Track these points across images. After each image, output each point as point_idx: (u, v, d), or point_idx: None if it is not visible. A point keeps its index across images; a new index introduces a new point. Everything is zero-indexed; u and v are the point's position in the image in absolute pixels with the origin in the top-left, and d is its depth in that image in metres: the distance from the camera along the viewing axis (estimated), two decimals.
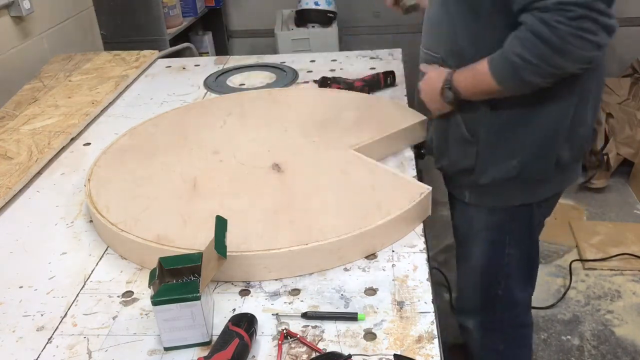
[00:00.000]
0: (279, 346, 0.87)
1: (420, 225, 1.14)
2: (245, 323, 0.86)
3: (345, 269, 1.03)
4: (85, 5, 2.57)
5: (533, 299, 1.57)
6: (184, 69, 2.07)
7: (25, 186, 1.37)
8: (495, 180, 1.28)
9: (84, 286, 1.03)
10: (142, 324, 0.94)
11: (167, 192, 1.21)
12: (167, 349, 0.88)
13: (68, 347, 0.90)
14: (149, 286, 0.87)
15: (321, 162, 1.28)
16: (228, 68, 2.01)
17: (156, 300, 0.85)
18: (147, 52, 2.17)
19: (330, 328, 0.90)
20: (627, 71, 3.15)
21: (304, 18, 3.08)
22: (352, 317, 0.91)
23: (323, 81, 1.76)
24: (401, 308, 0.93)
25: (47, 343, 0.91)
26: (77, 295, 1.01)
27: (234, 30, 3.56)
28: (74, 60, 2.12)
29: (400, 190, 1.16)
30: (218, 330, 0.88)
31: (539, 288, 1.87)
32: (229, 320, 0.87)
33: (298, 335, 0.88)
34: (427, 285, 0.98)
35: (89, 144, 1.57)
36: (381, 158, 1.35)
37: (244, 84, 1.89)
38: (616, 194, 2.89)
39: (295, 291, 0.99)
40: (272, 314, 0.93)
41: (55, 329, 0.94)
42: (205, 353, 0.85)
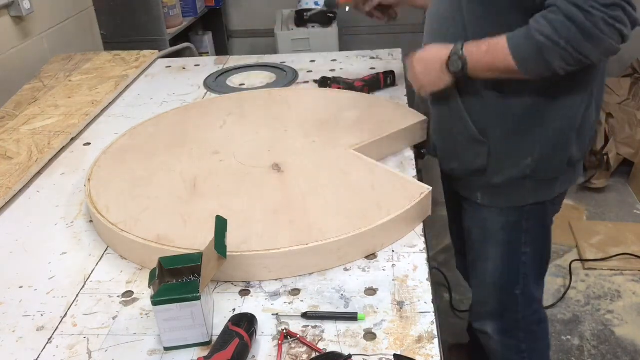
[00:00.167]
0: (279, 346, 0.87)
1: (420, 225, 1.14)
2: (245, 323, 0.86)
3: (345, 269, 1.03)
4: (85, 5, 2.57)
5: None
6: (184, 69, 2.07)
7: (25, 186, 1.37)
8: (509, 179, 1.26)
9: (84, 286, 1.03)
10: (142, 324, 0.94)
11: (167, 192, 1.20)
12: (167, 349, 0.88)
13: (68, 347, 0.90)
14: (149, 286, 0.87)
15: (321, 162, 1.28)
16: (228, 68, 2.01)
17: (156, 300, 0.85)
18: (147, 52, 2.17)
19: (330, 328, 0.90)
20: (627, 71, 3.16)
21: (304, 18, 3.08)
22: (352, 317, 0.91)
23: (323, 81, 1.76)
24: (401, 308, 0.93)
25: (47, 343, 0.91)
26: (77, 295, 1.01)
27: (234, 30, 3.56)
28: (74, 60, 2.12)
29: (400, 190, 1.16)
30: (218, 330, 0.88)
31: None
32: (229, 320, 0.87)
33: (298, 335, 0.88)
34: (427, 285, 0.98)
35: (89, 144, 1.56)
36: (381, 158, 1.35)
37: (244, 84, 1.89)
38: (616, 194, 2.89)
39: (295, 291, 0.99)
40: (272, 314, 0.93)
41: (55, 329, 0.94)
42: (205, 353, 0.85)
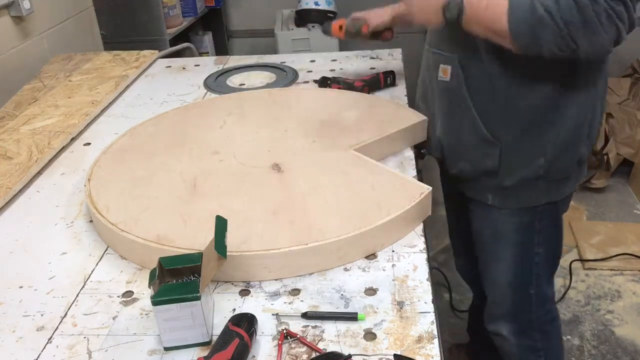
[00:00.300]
0: (279, 346, 0.87)
1: (420, 225, 1.13)
2: (245, 323, 0.86)
3: (345, 269, 1.03)
4: (85, 5, 2.57)
5: None
6: (184, 69, 2.07)
7: (25, 186, 1.37)
8: (521, 180, 1.25)
9: (84, 286, 1.03)
10: (142, 324, 0.94)
11: (167, 192, 1.20)
12: (167, 349, 0.88)
13: (68, 347, 0.90)
14: (149, 286, 0.87)
15: (321, 162, 1.28)
16: (228, 68, 2.01)
17: (156, 300, 0.85)
18: (147, 52, 2.16)
19: (330, 328, 0.90)
20: (627, 71, 3.16)
21: (304, 18, 3.08)
22: (352, 317, 0.91)
23: (323, 81, 1.76)
24: (401, 308, 0.93)
25: (47, 343, 0.91)
26: (77, 295, 1.01)
27: (234, 30, 3.56)
28: (74, 60, 2.12)
29: (400, 190, 1.16)
30: (218, 330, 0.88)
31: None
32: (229, 320, 0.87)
33: (298, 335, 0.88)
34: (427, 285, 0.98)
35: (89, 144, 1.56)
36: (381, 158, 1.35)
37: (244, 84, 1.89)
38: (616, 194, 2.89)
39: (295, 291, 0.99)
40: (272, 314, 0.93)
41: (55, 329, 0.94)
42: (205, 353, 0.85)
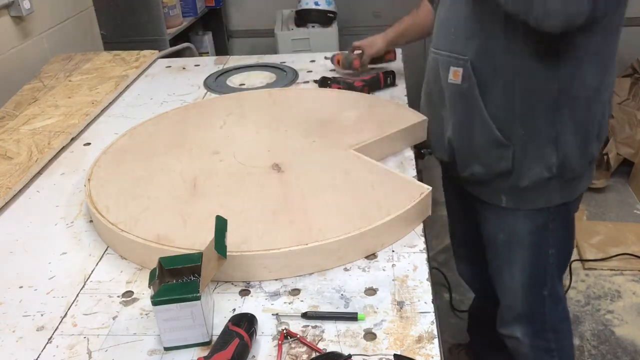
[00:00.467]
0: (279, 346, 0.87)
1: (420, 225, 1.13)
2: (245, 323, 0.86)
3: (345, 269, 1.03)
4: (85, 5, 2.57)
5: None
6: (184, 69, 2.07)
7: (25, 186, 1.37)
8: (535, 181, 1.25)
9: (84, 286, 1.03)
10: (142, 324, 0.94)
11: (167, 192, 1.20)
12: (167, 349, 0.88)
13: (68, 347, 0.90)
14: (149, 286, 0.87)
15: (321, 162, 1.28)
16: (228, 68, 2.01)
17: (156, 300, 0.85)
18: (147, 52, 2.17)
19: (330, 328, 0.90)
20: (627, 71, 3.15)
21: (304, 18, 3.09)
22: (352, 317, 0.91)
23: (323, 81, 1.76)
24: (401, 308, 0.93)
25: (47, 343, 0.91)
26: (77, 295, 1.01)
27: (234, 30, 3.56)
28: (74, 60, 2.12)
29: (400, 190, 1.16)
30: (218, 330, 0.88)
31: None
32: (229, 320, 0.87)
33: (298, 335, 0.88)
34: (427, 285, 0.98)
35: (89, 144, 1.56)
36: (381, 158, 1.35)
37: (244, 84, 1.89)
38: (616, 194, 2.89)
39: (295, 291, 0.99)
40: (272, 314, 0.93)
41: (55, 329, 0.94)
42: (205, 353, 0.85)
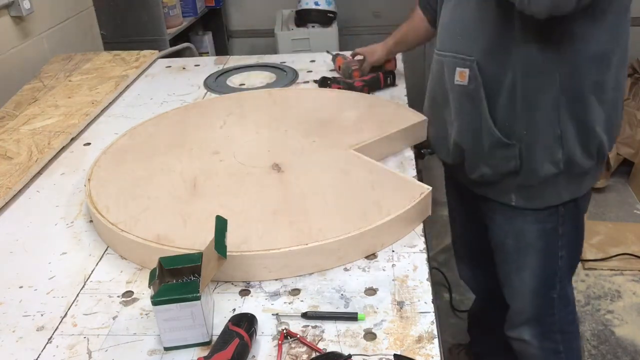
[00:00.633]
0: (279, 346, 0.87)
1: (420, 225, 1.13)
2: (245, 323, 0.86)
3: (345, 269, 1.03)
4: (85, 5, 2.57)
5: None
6: (184, 69, 2.07)
7: (25, 186, 1.37)
8: (544, 177, 1.25)
9: (84, 286, 1.03)
10: (142, 324, 0.94)
11: (167, 192, 1.20)
12: (167, 349, 0.88)
13: (68, 347, 0.90)
14: (149, 286, 0.87)
15: (321, 162, 1.28)
16: (228, 68, 2.01)
17: (156, 300, 0.85)
18: (147, 52, 2.17)
19: (330, 328, 0.90)
20: (627, 71, 3.16)
21: (304, 18, 3.08)
22: (352, 317, 0.91)
23: (323, 81, 1.76)
24: (401, 308, 0.93)
25: (47, 343, 0.91)
26: (77, 295, 1.01)
27: (234, 30, 3.56)
28: (74, 60, 2.12)
29: (400, 190, 1.16)
30: (218, 330, 0.88)
31: None
32: (229, 320, 0.87)
33: (298, 335, 0.88)
34: (427, 285, 0.98)
35: (89, 144, 1.56)
36: (381, 158, 1.35)
37: (244, 84, 1.89)
38: (616, 194, 2.89)
39: (295, 291, 0.99)
40: (272, 314, 0.93)
41: (55, 329, 0.94)
42: (205, 353, 0.85)
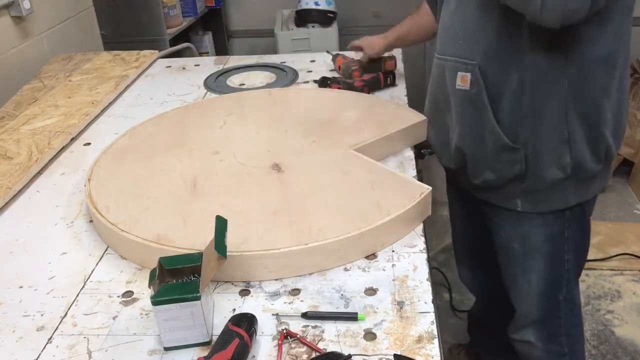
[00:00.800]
0: (279, 346, 0.87)
1: (420, 225, 1.13)
2: (245, 323, 0.86)
3: (345, 269, 1.03)
4: (85, 5, 2.57)
5: None
6: (184, 69, 2.07)
7: (25, 186, 1.37)
8: (550, 182, 1.23)
9: (84, 286, 1.03)
10: (142, 324, 0.94)
11: (167, 192, 1.20)
12: (167, 349, 0.88)
13: (68, 347, 0.90)
14: (149, 286, 0.87)
15: (321, 162, 1.28)
16: (228, 68, 2.01)
17: (156, 300, 0.85)
18: (147, 52, 2.17)
19: (330, 328, 0.90)
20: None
21: (304, 18, 3.08)
22: (352, 317, 0.91)
23: (323, 81, 1.76)
24: (401, 308, 0.93)
25: (47, 343, 0.91)
26: (77, 295, 1.01)
27: (234, 30, 3.56)
28: (74, 60, 2.12)
29: (400, 190, 1.16)
30: (218, 330, 0.88)
31: None
32: (229, 320, 0.87)
33: (298, 335, 0.88)
34: (427, 285, 0.98)
35: (89, 144, 1.56)
36: (381, 158, 1.35)
37: (244, 84, 1.89)
38: (616, 194, 2.89)
39: (295, 291, 0.99)
40: (272, 314, 0.93)
41: (55, 329, 0.94)
42: (205, 353, 0.85)
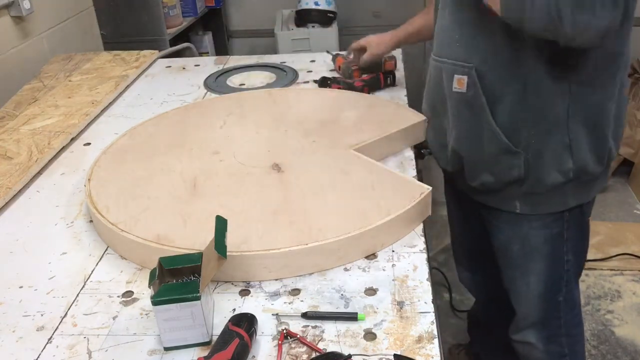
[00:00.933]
0: (279, 346, 0.87)
1: (420, 225, 1.13)
2: (245, 323, 0.86)
3: (345, 269, 1.03)
4: (85, 5, 2.57)
5: None
6: (184, 69, 2.07)
7: (25, 186, 1.37)
8: (551, 186, 1.22)
9: (84, 286, 1.03)
10: (142, 324, 0.94)
11: (167, 192, 1.20)
12: (167, 349, 0.88)
13: (68, 347, 0.90)
14: (149, 286, 0.87)
15: (321, 162, 1.28)
16: (228, 68, 2.01)
17: (156, 300, 0.85)
18: (147, 52, 2.17)
19: (330, 328, 0.90)
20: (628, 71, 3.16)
21: (304, 18, 3.09)
22: (352, 317, 0.91)
23: (323, 81, 1.76)
24: (401, 308, 0.93)
25: (47, 343, 0.91)
26: (77, 295, 1.01)
27: (234, 30, 3.56)
28: (74, 60, 2.12)
29: (400, 190, 1.16)
30: (218, 330, 0.88)
31: None
32: (229, 320, 0.87)
33: (298, 335, 0.88)
34: (427, 285, 0.98)
35: (89, 144, 1.57)
36: (381, 158, 1.35)
37: (244, 84, 1.89)
38: (616, 194, 2.89)
39: (295, 291, 0.99)
40: (272, 314, 0.93)
41: (55, 329, 0.94)
42: (205, 353, 0.85)
